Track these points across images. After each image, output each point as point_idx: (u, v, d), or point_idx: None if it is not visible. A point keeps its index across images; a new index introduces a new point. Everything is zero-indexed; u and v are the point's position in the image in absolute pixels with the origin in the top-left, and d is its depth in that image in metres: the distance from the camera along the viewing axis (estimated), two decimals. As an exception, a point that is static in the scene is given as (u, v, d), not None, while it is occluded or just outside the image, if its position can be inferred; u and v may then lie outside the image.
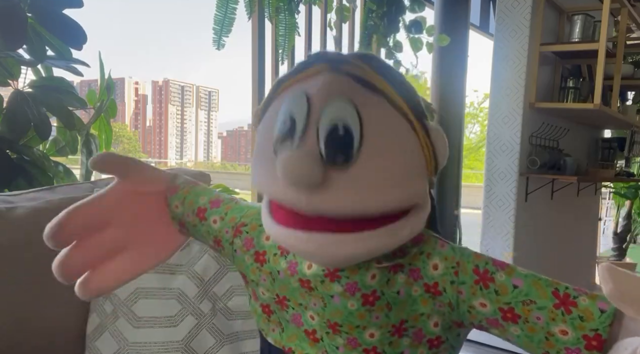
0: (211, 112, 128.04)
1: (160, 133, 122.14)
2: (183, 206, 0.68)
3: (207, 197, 0.68)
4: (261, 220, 0.58)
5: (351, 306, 0.55)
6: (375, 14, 2.16)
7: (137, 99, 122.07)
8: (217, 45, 1.71)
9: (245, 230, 0.65)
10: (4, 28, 1.14)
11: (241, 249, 0.64)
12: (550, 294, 0.51)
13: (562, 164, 2.59)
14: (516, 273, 0.54)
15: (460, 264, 0.55)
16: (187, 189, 0.69)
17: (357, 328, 0.56)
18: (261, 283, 0.62)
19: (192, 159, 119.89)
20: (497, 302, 0.53)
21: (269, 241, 0.62)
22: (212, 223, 0.67)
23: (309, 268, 0.56)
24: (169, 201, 0.68)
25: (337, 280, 0.55)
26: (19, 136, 1.27)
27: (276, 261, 0.60)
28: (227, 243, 0.66)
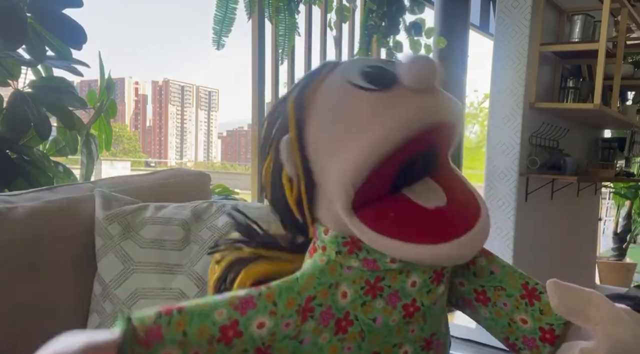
0: (211, 112, 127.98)
1: (160, 133, 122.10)
2: (184, 346, 0.46)
3: (225, 309, 0.48)
4: (325, 281, 0.51)
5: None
6: (376, 14, 2.16)
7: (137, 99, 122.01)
8: (217, 45, 1.71)
9: (316, 304, 0.51)
10: (4, 28, 1.14)
11: (315, 331, 0.50)
12: (519, 286, 0.57)
13: (562, 164, 2.59)
14: (496, 262, 0.60)
15: None
16: (179, 320, 0.47)
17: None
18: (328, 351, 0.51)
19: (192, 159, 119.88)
20: (473, 283, 0.59)
21: (347, 297, 0.52)
22: (257, 330, 0.48)
23: (412, 285, 0.53)
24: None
25: (441, 280, 0.55)
26: (19, 136, 1.27)
27: (369, 308, 0.52)
28: (286, 341, 0.49)
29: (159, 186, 1.20)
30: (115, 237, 0.98)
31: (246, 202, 1.44)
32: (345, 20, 2.37)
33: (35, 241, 0.93)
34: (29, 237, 0.92)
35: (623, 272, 3.93)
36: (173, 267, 1.02)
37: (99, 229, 0.99)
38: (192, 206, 1.06)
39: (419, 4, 2.29)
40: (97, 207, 1.01)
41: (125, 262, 0.97)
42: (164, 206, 1.04)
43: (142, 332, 0.45)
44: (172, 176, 1.24)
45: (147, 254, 0.98)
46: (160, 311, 0.47)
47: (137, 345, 0.44)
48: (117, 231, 0.99)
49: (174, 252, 1.02)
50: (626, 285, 3.83)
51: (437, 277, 0.54)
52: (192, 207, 1.06)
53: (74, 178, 1.40)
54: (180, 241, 1.01)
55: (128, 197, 1.07)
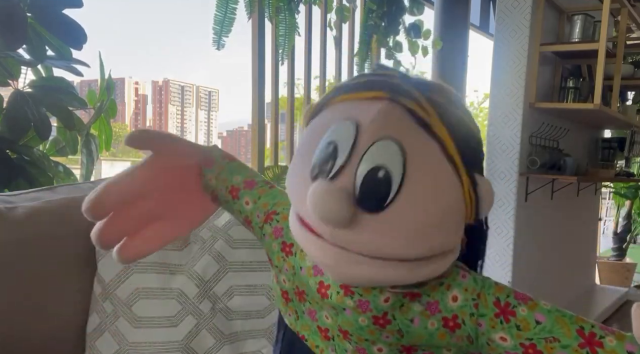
0: (211, 112, 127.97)
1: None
2: (217, 181, 0.68)
3: (241, 177, 0.68)
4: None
5: (362, 322, 0.54)
6: (376, 14, 2.16)
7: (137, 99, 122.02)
8: (217, 45, 1.71)
9: (276, 218, 0.65)
10: (4, 28, 1.14)
11: (270, 236, 0.65)
12: (574, 333, 0.50)
13: (562, 164, 2.59)
14: (539, 307, 0.52)
15: (481, 296, 0.53)
16: (222, 165, 0.69)
17: (367, 341, 0.56)
18: (284, 271, 0.63)
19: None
20: (519, 337, 0.51)
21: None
22: (245, 204, 0.67)
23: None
24: (203, 172, 0.68)
25: (350, 295, 0.54)
26: (19, 136, 1.27)
27: (302, 257, 0.60)
28: (257, 226, 0.67)
29: (159, 186, 1.20)
30: (115, 237, 0.98)
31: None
32: (345, 20, 2.37)
33: (35, 241, 0.93)
34: (29, 237, 0.92)
35: (623, 272, 3.93)
36: (173, 267, 1.02)
37: (99, 229, 0.99)
38: (192, 206, 1.06)
39: (419, 5, 2.29)
40: (97, 207, 1.01)
41: (125, 262, 0.97)
42: (164, 206, 1.04)
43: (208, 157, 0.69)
44: (172, 176, 1.24)
45: (147, 254, 0.98)
46: (224, 154, 0.70)
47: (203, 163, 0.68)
48: (117, 231, 0.99)
49: (174, 252, 1.02)
50: (626, 285, 3.83)
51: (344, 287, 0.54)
52: (192, 207, 1.05)
53: (74, 178, 1.40)
54: (180, 241, 1.01)
55: (128, 197, 1.07)
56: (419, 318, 0.54)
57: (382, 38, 2.20)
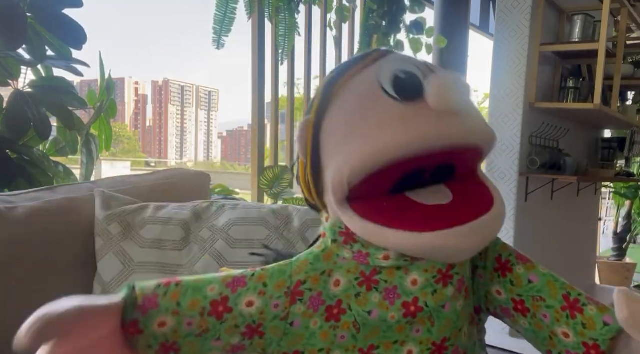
0: (211, 112, 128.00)
1: (160, 133, 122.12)
2: (178, 317, 0.50)
3: (217, 285, 0.52)
4: (318, 268, 0.52)
5: (459, 306, 0.53)
6: (376, 14, 2.16)
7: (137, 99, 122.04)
8: (217, 44, 1.71)
9: (306, 288, 0.52)
10: (4, 28, 1.14)
11: (304, 315, 0.51)
12: (560, 296, 0.54)
13: (562, 164, 2.59)
14: (535, 269, 0.57)
15: (487, 250, 0.57)
16: (175, 291, 0.51)
17: (460, 331, 0.54)
18: (337, 344, 0.52)
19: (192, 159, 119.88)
20: (511, 292, 0.55)
21: (340, 285, 0.52)
22: (246, 308, 0.51)
23: (413, 284, 0.51)
24: (142, 325, 0.49)
25: (450, 282, 0.51)
26: (19, 136, 1.27)
27: (363, 301, 0.51)
28: (275, 321, 0.51)
29: (159, 186, 1.20)
30: (115, 237, 0.98)
31: (246, 202, 1.44)
32: (345, 20, 2.37)
33: (35, 241, 0.93)
34: (29, 237, 0.92)
35: (623, 272, 3.93)
36: (173, 267, 1.02)
37: (99, 229, 0.99)
38: (192, 206, 1.06)
39: (419, 4, 2.29)
40: (97, 207, 1.01)
41: (125, 262, 0.97)
42: (164, 206, 1.04)
43: (141, 299, 0.50)
44: (172, 176, 1.24)
45: (147, 254, 0.98)
46: (160, 282, 0.52)
47: (136, 311, 0.49)
48: (117, 231, 0.99)
49: (174, 252, 1.02)
50: (626, 285, 3.83)
51: (444, 277, 0.51)
52: (192, 207, 1.06)
53: (74, 178, 1.40)
54: (180, 241, 1.01)
55: (128, 197, 1.07)
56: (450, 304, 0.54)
57: (383, 38, 2.19)
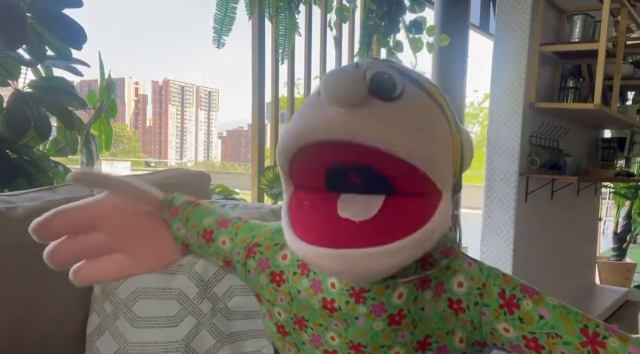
0: (211, 112, 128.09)
1: (160, 133, 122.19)
2: (186, 228, 0.65)
3: (212, 218, 0.65)
4: (275, 239, 0.61)
5: (376, 327, 0.53)
6: (376, 14, 2.16)
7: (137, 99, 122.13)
8: (217, 44, 1.71)
9: (259, 250, 0.62)
10: (4, 28, 1.14)
11: (255, 270, 0.62)
12: (577, 331, 0.50)
13: (562, 164, 2.59)
14: (544, 302, 0.52)
15: (486, 286, 0.54)
16: (189, 211, 0.65)
17: (382, 347, 0.54)
18: (278, 303, 0.60)
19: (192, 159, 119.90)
20: (521, 330, 0.51)
21: (285, 260, 0.60)
22: (221, 244, 0.64)
23: (332, 286, 0.54)
24: (169, 223, 0.65)
25: (362, 302, 0.52)
26: (19, 136, 1.27)
27: (297, 280, 0.58)
28: (239, 264, 0.64)
29: (159, 186, 1.19)
30: (115, 237, 0.98)
31: (246, 202, 1.44)
32: (345, 20, 2.37)
33: (35, 241, 0.92)
34: (29, 237, 0.92)
35: (623, 272, 3.93)
36: (173, 267, 1.02)
37: (99, 229, 0.99)
38: (192, 206, 1.06)
39: (419, 3, 2.29)
40: (97, 207, 1.01)
41: (125, 262, 0.97)
42: (164, 206, 1.04)
43: (171, 206, 0.65)
44: (172, 176, 1.24)
45: (147, 254, 0.98)
46: (187, 199, 0.67)
47: (167, 212, 0.65)
48: (117, 231, 0.98)
49: (174, 252, 1.02)
50: (626, 285, 3.83)
51: (355, 295, 0.52)
52: (192, 207, 1.05)
53: (74, 178, 1.40)
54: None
55: (128, 197, 1.07)
56: (429, 305, 0.54)
57: (383, 38, 2.19)
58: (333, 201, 0.50)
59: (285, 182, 0.54)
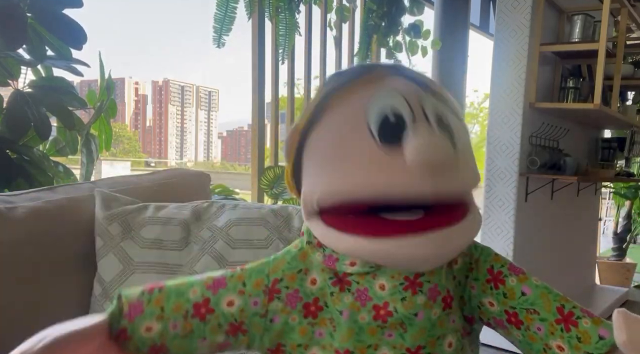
0: (211, 112, 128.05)
1: (160, 133, 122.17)
2: (163, 321, 0.52)
3: (199, 287, 0.54)
4: (295, 266, 0.55)
5: (434, 315, 0.52)
6: (376, 14, 2.16)
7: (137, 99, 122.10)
8: (217, 43, 1.72)
9: (283, 286, 0.54)
10: (4, 28, 1.14)
11: (282, 311, 0.54)
12: (554, 309, 0.53)
13: (562, 164, 2.59)
14: (528, 281, 0.55)
15: (478, 262, 0.57)
16: (158, 297, 0.54)
17: (438, 339, 0.53)
18: (314, 340, 0.53)
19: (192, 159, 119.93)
20: (504, 304, 0.55)
21: (316, 284, 0.54)
22: (227, 307, 0.54)
23: (381, 288, 0.52)
24: (130, 331, 0.52)
25: (419, 290, 0.51)
26: (19, 136, 1.27)
27: (337, 300, 0.53)
28: (256, 318, 0.54)
29: (159, 186, 1.20)
30: (115, 237, 0.98)
31: (246, 202, 1.44)
32: (345, 20, 2.37)
33: (35, 241, 0.93)
34: (29, 237, 0.92)
35: (623, 272, 3.93)
36: (173, 267, 1.02)
37: (99, 229, 0.99)
38: (192, 206, 1.06)
39: (419, 5, 2.29)
40: (97, 207, 1.01)
41: (125, 262, 0.97)
42: (164, 206, 1.05)
43: (127, 307, 0.53)
44: (172, 176, 1.24)
45: (147, 254, 0.98)
46: (144, 289, 0.55)
47: (123, 319, 0.52)
48: (117, 231, 0.99)
49: (174, 252, 1.02)
50: (626, 285, 3.83)
51: (412, 285, 0.51)
52: (192, 207, 1.06)
53: (74, 178, 1.40)
54: (180, 241, 1.01)
55: (128, 197, 1.07)
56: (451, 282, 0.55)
57: (382, 38, 2.20)
58: (376, 217, 0.49)
59: (310, 213, 0.52)
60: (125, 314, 0.52)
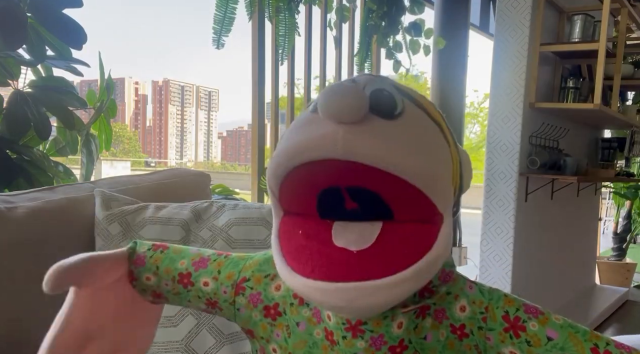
0: (211, 112, 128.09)
1: (160, 133, 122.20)
2: (157, 277, 0.60)
3: (187, 260, 0.61)
4: (264, 270, 0.58)
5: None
6: (375, 14, 2.16)
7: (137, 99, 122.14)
8: (216, 44, 1.72)
9: (248, 285, 0.58)
10: (4, 28, 1.14)
11: (246, 306, 0.58)
12: (588, 351, 0.49)
13: (562, 164, 2.59)
14: (550, 322, 0.51)
15: (489, 309, 0.52)
16: (157, 257, 0.61)
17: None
18: (273, 339, 0.57)
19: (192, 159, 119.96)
20: (529, 353, 0.50)
21: (279, 290, 0.56)
22: (203, 286, 0.59)
23: (328, 318, 0.51)
24: (136, 275, 0.60)
25: (360, 336, 0.50)
26: (19, 136, 1.27)
27: (295, 311, 0.54)
28: (226, 304, 0.59)
29: (159, 186, 1.20)
30: (115, 237, 0.98)
31: (246, 202, 1.44)
32: (345, 20, 2.38)
33: (35, 241, 0.93)
34: (29, 237, 0.92)
35: (623, 272, 3.93)
36: (173, 267, 1.02)
37: (99, 229, 0.99)
38: (192, 206, 1.06)
39: (419, 4, 2.29)
40: (97, 207, 1.01)
41: (125, 262, 0.97)
42: (164, 206, 1.05)
43: (135, 256, 0.61)
44: (172, 176, 1.24)
45: (147, 254, 0.98)
46: (151, 246, 0.62)
47: (132, 263, 0.60)
48: (117, 231, 0.99)
49: (174, 252, 1.02)
50: (626, 285, 3.84)
51: (352, 328, 0.50)
52: (192, 207, 1.06)
53: (74, 178, 1.40)
54: (180, 241, 1.01)
55: (128, 197, 1.07)
56: (430, 333, 0.52)
57: (382, 38, 2.20)
58: (327, 228, 0.47)
59: (274, 207, 0.51)
60: (133, 260, 0.60)
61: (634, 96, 3.60)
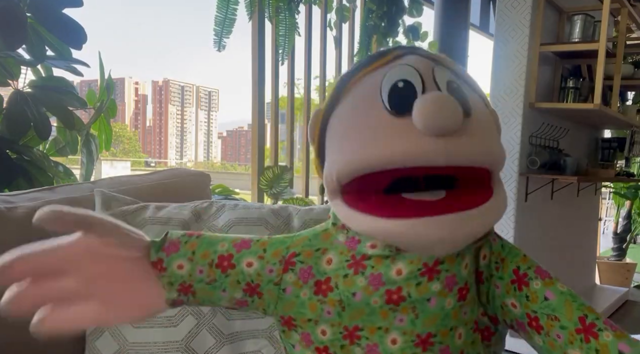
0: (211, 112, 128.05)
1: (160, 133, 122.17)
2: (192, 263, 0.57)
3: (227, 243, 0.59)
4: (314, 245, 0.57)
5: (448, 305, 0.52)
6: (375, 15, 2.16)
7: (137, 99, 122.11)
8: (217, 46, 1.72)
9: (298, 260, 0.56)
10: (4, 28, 1.14)
11: (295, 284, 0.56)
12: (576, 318, 0.52)
13: (562, 164, 2.59)
14: (553, 286, 0.54)
15: (505, 261, 0.57)
16: (194, 242, 0.58)
17: (450, 331, 0.53)
18: (323, 318, 0.55)
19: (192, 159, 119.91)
20: (526, 307, 0.54)
21: (331, 264, 0.55)
22: (246, 267, 0.57)
23: (398, 273, 0.52)
24: (165, 263, 0.57)
25: (435, 277, 0.52)
26: (19, 136, 1.27)
27: (349, 282, 0.54)
28: (270, 284, 0.57)
29: (159, 186, 1.20)
30: (115, 237, 0.98)
31: (246, 202, 1.44)
32: (345, 20, 2.38)
33: (35, 241, 0.92)
34: (29, 237, 0.92)
35: (623, 272, 3.93)
36: (173, 267, 1.02)
37: (99, 229, 0.99)
38: (192, 206, 1.06)
39: (418, 5, 2.29)
40: (97, 207, 1.01)
41: (125, 262, 0.97)
42: (164, 206, 1.04)
43: (167, 242, 0.58)
44: (172, 176, 1.24)
45: (147, 254, 0.98)
46: (186, 232, 0.60)
47: (161, 251, 0.57)
48: (117, 231, 0.99)
49: (174, 252, 1.02)
50: (626, 285, 3.84)
51: (429, 271, 0.51)
52: (192, 207, 1.06)
53: (74, 178, 1.40)
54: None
55: (128, 197, 1.07)
56: (472, 276, 0.56)
57: (382, 38, 2.20)
58: (398, 197, 0.50)
59: (332, 192, 0.54)
60: (164, 247, 0.57)
61: (634, 96, 3.60)
